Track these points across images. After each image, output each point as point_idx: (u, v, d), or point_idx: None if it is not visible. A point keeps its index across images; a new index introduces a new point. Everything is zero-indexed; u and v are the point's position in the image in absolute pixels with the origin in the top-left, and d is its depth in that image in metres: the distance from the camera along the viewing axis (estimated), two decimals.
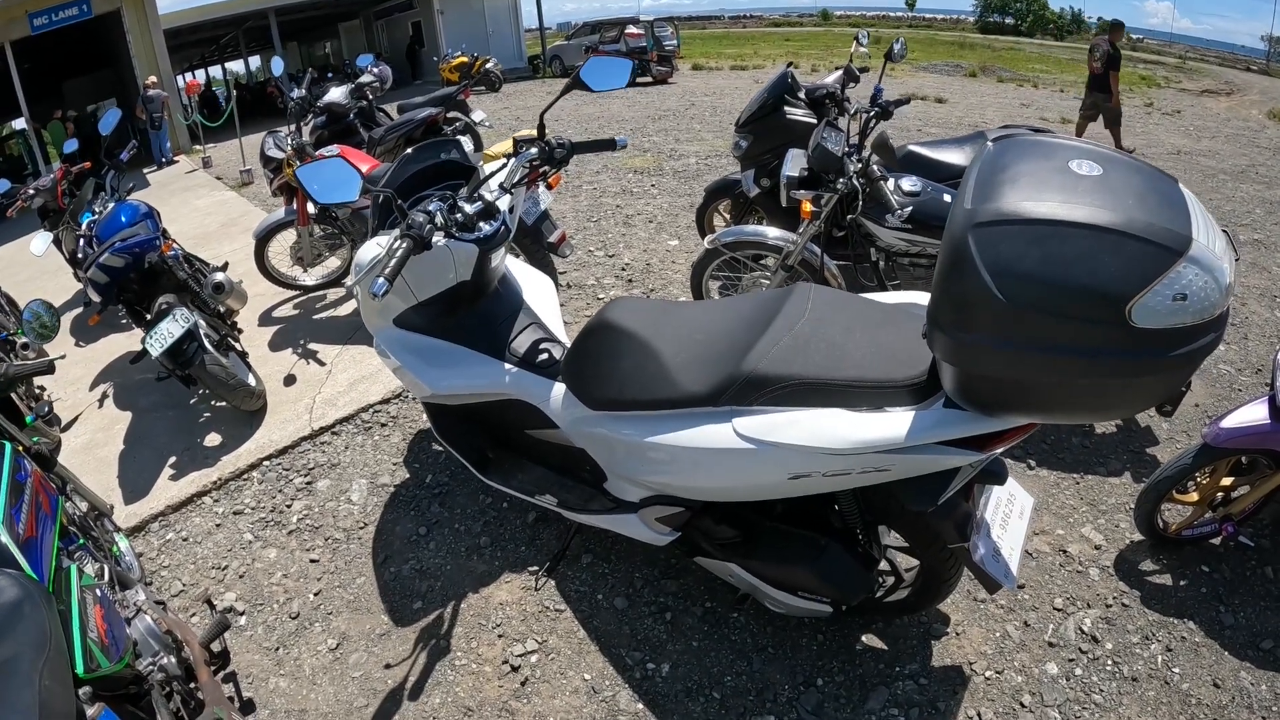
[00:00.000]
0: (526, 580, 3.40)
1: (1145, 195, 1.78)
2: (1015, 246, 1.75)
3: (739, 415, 2.37)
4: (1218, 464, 3.24)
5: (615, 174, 10.30)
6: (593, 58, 3.29)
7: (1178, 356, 1.72)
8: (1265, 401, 3.05)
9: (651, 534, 2.91)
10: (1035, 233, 1.74)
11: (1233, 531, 3.26)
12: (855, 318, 2.50)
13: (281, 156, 5.97)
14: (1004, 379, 1.91)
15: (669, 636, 3.09)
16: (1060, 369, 1.81)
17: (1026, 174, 1.86)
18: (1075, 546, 3.49)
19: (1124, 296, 1.66)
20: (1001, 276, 1.75)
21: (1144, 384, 1.84)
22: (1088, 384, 1.85)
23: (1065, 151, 1.91)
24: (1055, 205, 1.75)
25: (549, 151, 3.15)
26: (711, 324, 2.68)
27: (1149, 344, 1.70)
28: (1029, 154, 1.94)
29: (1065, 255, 1.71)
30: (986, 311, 1.79)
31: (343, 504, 3.99)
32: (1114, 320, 1.68)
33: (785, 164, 4.54)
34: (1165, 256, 1.66)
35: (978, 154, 2.03)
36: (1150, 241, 1.68)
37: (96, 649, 2.06)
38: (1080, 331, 1.73)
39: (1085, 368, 1.78)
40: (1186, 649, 2.99)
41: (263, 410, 4.86)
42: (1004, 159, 1.95)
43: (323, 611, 3.35)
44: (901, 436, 2.12)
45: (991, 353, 1.85)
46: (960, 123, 14.44)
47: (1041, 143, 2.02)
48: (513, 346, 3.25)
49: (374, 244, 3.11)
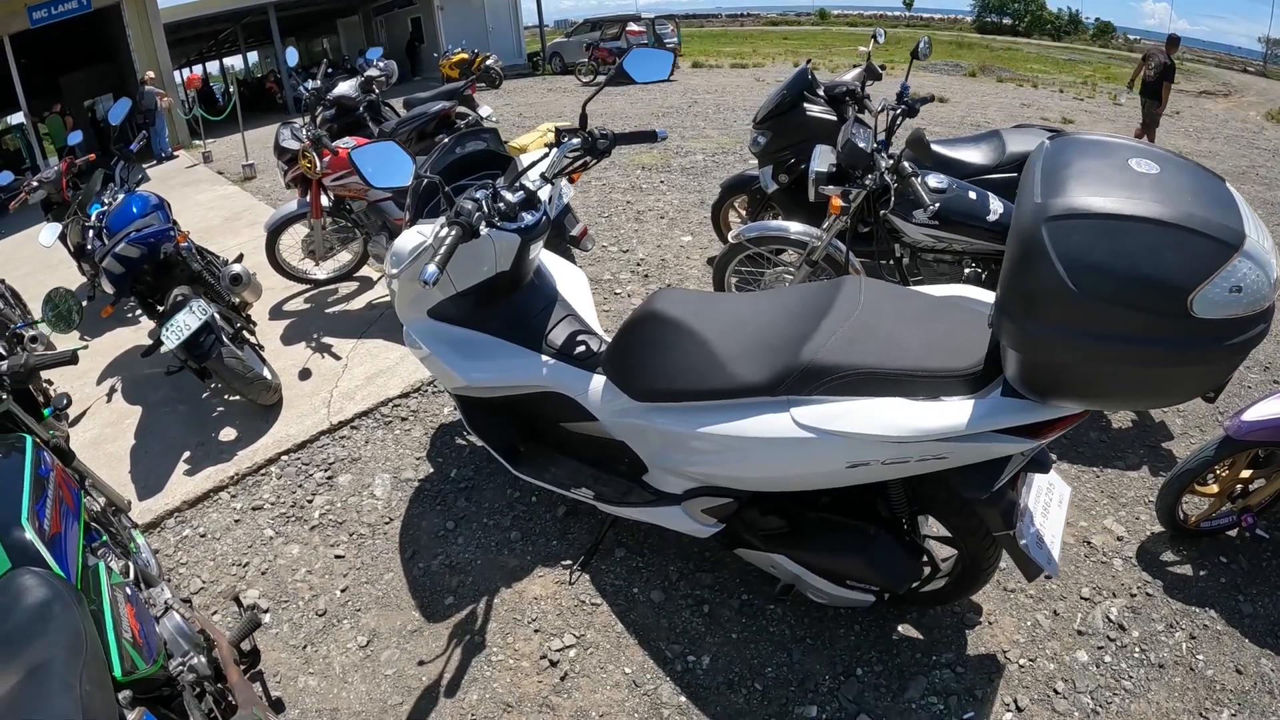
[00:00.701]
0: (560, 574, 3.38)
1: (1200, 193, 1.86)
2: (1086, 239, 1.81)
3: (797, 405, 2.39)
4: (1237, 457, 3.31)
5: (623, 170, 10.28)
6: (635, 49, 3.28)
7: (1232, 345, 1.79)
8: None
9: (695, 526, 2.90)
10: (1104, 226, 1.80)
11: (1252, 522, 3.35)
12: (908, 309, 2.54)
13: (297, 148, 5.93)
14: (1069, 366, 1.97)
15: (707, 629, 3.09)
16: (1125, 357, 1.87)
17: (1090, 171, 1.93)
18: (1099, 538, 3.55)
19: (1186, 288, 1.73)
20: (1073, 268, 1.81)
21: (1199, 371, 1.92)
22: (1148, 371, 1.91)
23: (1123, 150, 1.99)
24: (1121, 201, 1.82)
25: (591, 142, 3.12)
26: (761, 315, 2.69)
27: (1207, 333, 1.77)
28: (1089, 152, 2.02)
29: (1132, 248, 1.78)
30: (1058, 302, 1.85)
31: (366, 499, 3.95)
32: (1177, 311, 1.75)
33: (813, 160, 4.54)
34: (1223, 251, 1.73)
35: (1038, 151, 2.11)
36: (1209, 236, 1.75)
37: (132, 650, 2.01)
38: (1145, 321, 1.79)
39: (1148, 356, 1.85)
40: (1209, 636, 3.06)
41: (278, 404, 4.82)
42: (1065, 156, 2.02)
43: (351, 608, 3.32)
44: (961, 425, 2.15)
45: (1061, 342, 1.90)
46: (963, 122, 14.45)
47: (1100, 141, 2.08)
48: (549, 338, 3.24)
49: (414, 232, 3.09)
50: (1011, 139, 5.21)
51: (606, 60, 22.81)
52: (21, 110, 17.89)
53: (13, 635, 1.75)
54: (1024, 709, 2.77)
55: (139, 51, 18.44)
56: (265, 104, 24.96)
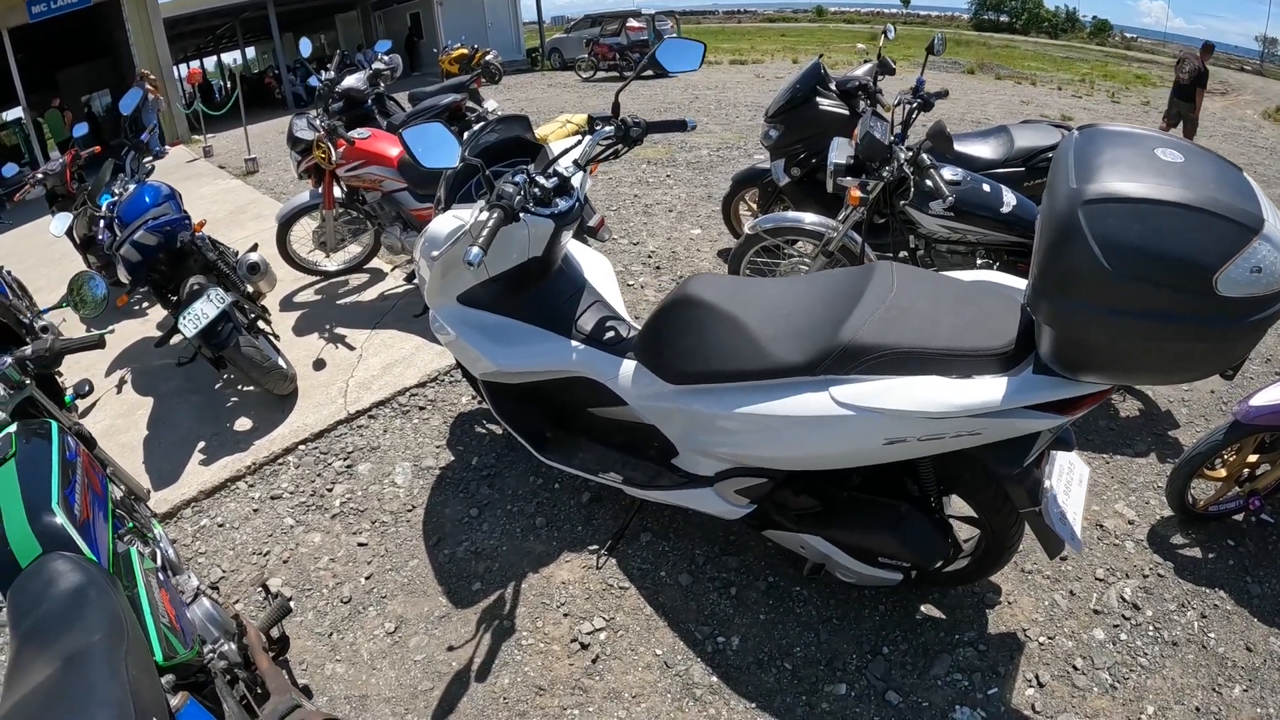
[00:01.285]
0: (587, 559, 3.41)
1: (1221, 181, 1.96)
2: (1120, 222, 1.91)
3: (835, 384, 2.45)
4: (1245, 441, 3.42)
5: (630, 165, 10.29)
6: (668, 39, 3.33)
7: (1253, 322, 1.89)
8: None
9: (727, 507, 2.93)
10: (1137, 210, 1.91)
11: (1259, 505, 3.46)
12: (939, 292, 2.60)
13: (312, 138, 5.94)
14: (1101, 343, 2.07)
15: (735, 611, 3.12)
16: (1154, 333, 1.97)
17: (1121, 159, 2.02)
18: (1110, 521, 3.64)
19: (1211, 268, 1.83)
20: (1108, 249, 1.91)
21: (1222, 347, 2.02)
22: (1175, 347, 2.02)
23: (1149, 141, 2.09)
24: (1151, 186, 1.92)
25: (625, 130, 3.17)
26: (796, 299, 2.75)
27: (1230, 311, 1.87)
28: (1117, 142, 2.11)
29: (1161, 230, 1.88)
30: (1093, 281, 1.95)
31: (387, 487, 3.98)
32: (1202, 289, 1.85)
33: (831, 152, 4.58)
34: (1244, 233, 1.84)
35: (1067, 140, 2.23)
36: (1232, 220, 1.85)
37: (170, 634, 2.02)
38: (1174, 299, 1.90)
39: (1175, 332, 1.95)
40: (1220, 616, 3.14)
41: (294, 394, 4.83)
42: (1096, 145, 2.12)
43: (376, 595, 3.33)
44: (996, 401, 2.24)
45: (1095, 319, 2.00)
46: (963, 119, 14.46)
47: (1126, 132, 2.18)
48: (579, 324, 3.27)
49: (450, 217, 3.12)
50: (1019, 134, 5.34)
51: (606, 56, 22.82)
52: (21, 105, 17.82)
53: (47, 622, 1.74)
54: (1045, 684, 2.83)
55: (138, 46, 18.39)
56: (264, 99, 24.87)
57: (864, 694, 2.80)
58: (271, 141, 14.07)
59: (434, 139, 2.83)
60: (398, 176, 5.59)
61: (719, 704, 2.79)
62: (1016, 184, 4.90)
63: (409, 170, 5.52)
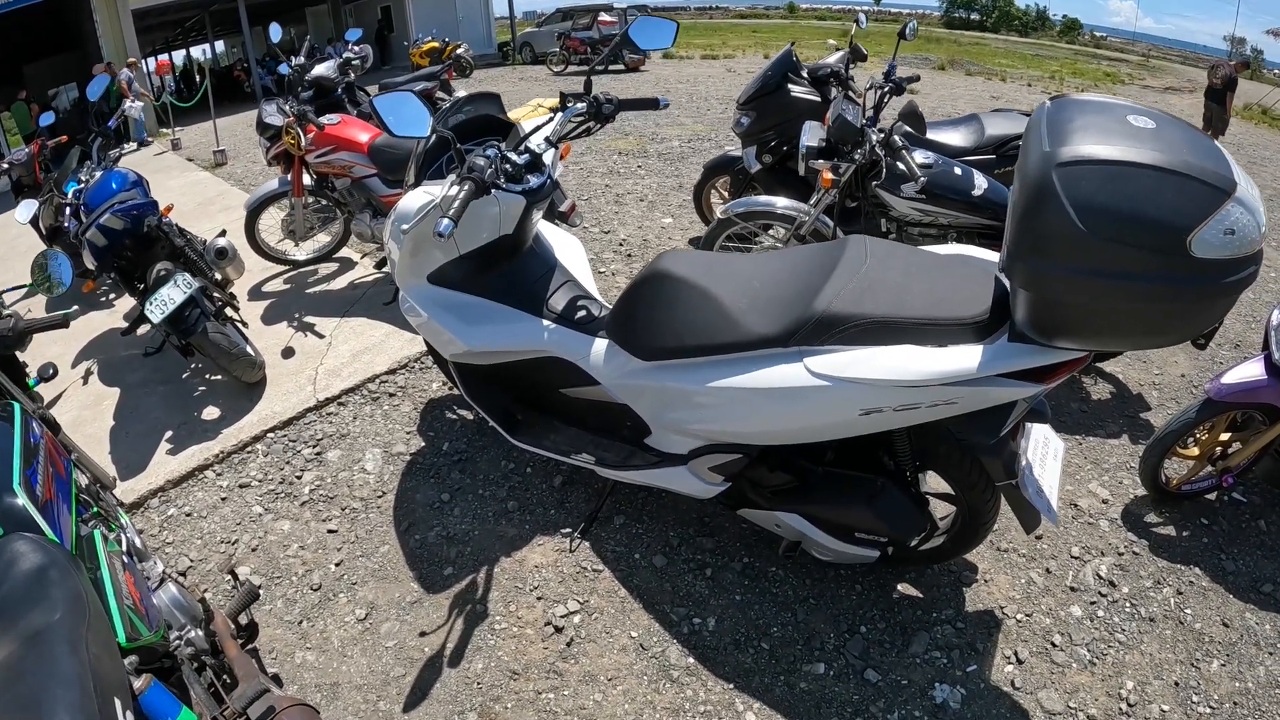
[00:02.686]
0: (560, 543, 3.38)
1: (1193, 146, 1.96)
2: (1094, 184, 1.92)
3: (810, 355, 2.45)
4: (1217, 420, 3.50)
5: (601, 155, 10.28)
6: (641, 17, 3.30)
7: (1226, 284, 1.91)
8: (1262, 360, 3.29)
9: (701, 485, 2.91)
10: (1110, 172, 1.91)
11: (1232, 482, 3.55)
12: (913, 264, 2.60)
13: (281, 123, 5.86)
14: (1077, 305, 2.07)
15: (711, 592, 3.10)
16: (1130, 294, 1.97)
17: (1093, 125, 2.03)
18: (1084, 501, 3.69)
19: (1186, 229, 1.84)
20: (1082, 210, 1.92)
21: (1197, 309, 2.02)
22: (1150, 308, 2.02)
23: (1120, 108, 2.11)
24: (1124, 149, 1.93)
25: (597, 107, 3.14)
26: (768, 272, 2.73)
27: (1204, 272, 1.88)
28: (1089, 109, 2.12)
29: (1135, 192, 1.89)
30: (1068, 242, 1.96)
31: (357, 474, 3.92)
32: (1177, 250, 1.86)
33: (803, 135, 4.60)
34: (1217, 195, 1.85)
35: (1039, 110, 2.23)
36: (1205, 182, 1.86)
37: (134, 615, 1.97)
38: (1149, 260, 1.91)
39: (1151, 293, 1.95)
40: (1195, 592, 3.20)
41: (262, 382, 4.76)
42: (1068, 112, 2.13)
43: (346, 582, 3.28)
44: (971, 369, 2.25)
45: (1071, 280, 2.00)
46: (934, 113, 14.46)
47: (1098, 101, 2.20)
48: (550, 303, 3.24)
49: (421, 192, 3.08)
50: (990, 122, 5.38)
51: (578, 50, 22.79)
52: None
53: (8, 602, 1.69)
54: (1024, 661, 2.84)
55: (107, 38, 18.17)
56: (233, 92, 24.66)
57: (842, 673, 2.79)
58: (240, 134, 13.91)
59: (406, 108, 2.79)
60: (368, 162, 5.51)
61: (696, 685, 2.76)
62: (987, 170, 4.91)
63: (379, 156, 5.44)
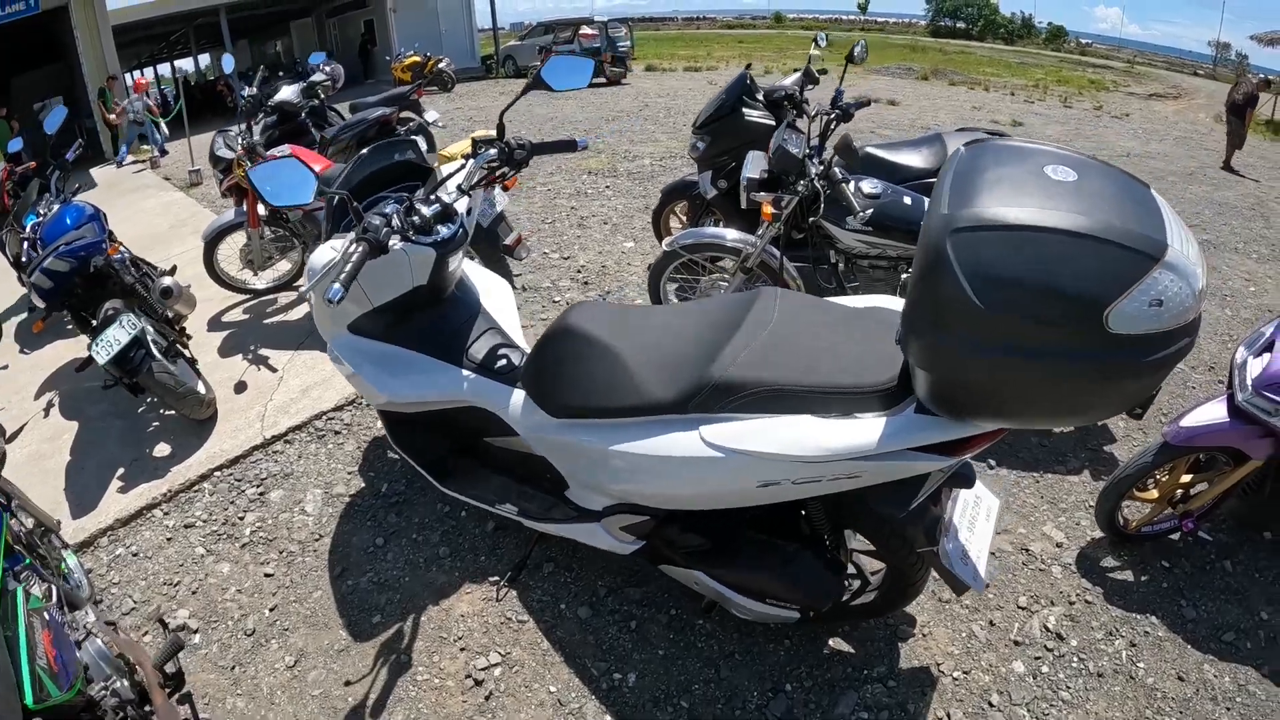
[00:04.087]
0: (488, 591, 3.33)
1: (1121, 201, 1.80)
2: (993, 252, 1.76)
3: (706, 422, 2.35)
4: (1177, 462, 3.33)
5: (569, 175, 10.25)
6: (554, 57, 3.25)
7: (1153, 361, 1.74)
8: (1223, 400, 3.14)
9: (615, 543, 2.86)
10: (1013, 238, 1.75)
11: (1192, 527, 3.37)
12: (822, 322, 2.50)
13: (231, 156, 5.83)
14: (981, 384, 1.93)
15: (634, 645, 3.05)
16: (1037, 374, 1.82)
17: (1003, 179, 1.86)
18: (1037, 545, 3.56)
19: (1101, 302, 1.67)
20: (979, 282, 1.76)
21: (1119, 388, 1.86)
22: (1064, 388, 1.87)
23: (1040, 157, 1.93)
24: (1033, 211, 1.76)
25: (508, 153, 3.11)
26: (675, 328, 2.66)
27: (1125, 349, 1.71)
28: (1004, 159, 1.95)
29: (1043, 261, 1.72)
30: (964, 317, 1.80)
31: (297, 515, 3.88)
32: (1091, 326, 1.69)
33: (745, 166, 4.52)
34: (1142, 262, 1.67)
35: (952, 158, 2.03)
36: (1127, 248, 1.69)
37: (46, 677, 1.97)
38: (1058, 337, 1.74)
39: (1062, 372, 1.79)
40: (1150, 643, 3.08)
41: (213, 418, 4.72)
42: (979, 163, 1.95)
43: (279, 628, 3.25)
44: (872, 444, 2.11)
45: (969, 358, 1.85)
46: (913, 125, 14.59)
47: (1015, 148, 2.01)
48: (470, 352, 3.18)
49: (328, 248, 3.03)
50: (953, 142, 5.15)
51: None
52: None
53: None
54: None
55: (87, 54, 18.11)
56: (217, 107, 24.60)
57: None
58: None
59: (285, 174, 2.73)
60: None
61: None
62: None
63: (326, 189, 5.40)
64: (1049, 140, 11.18)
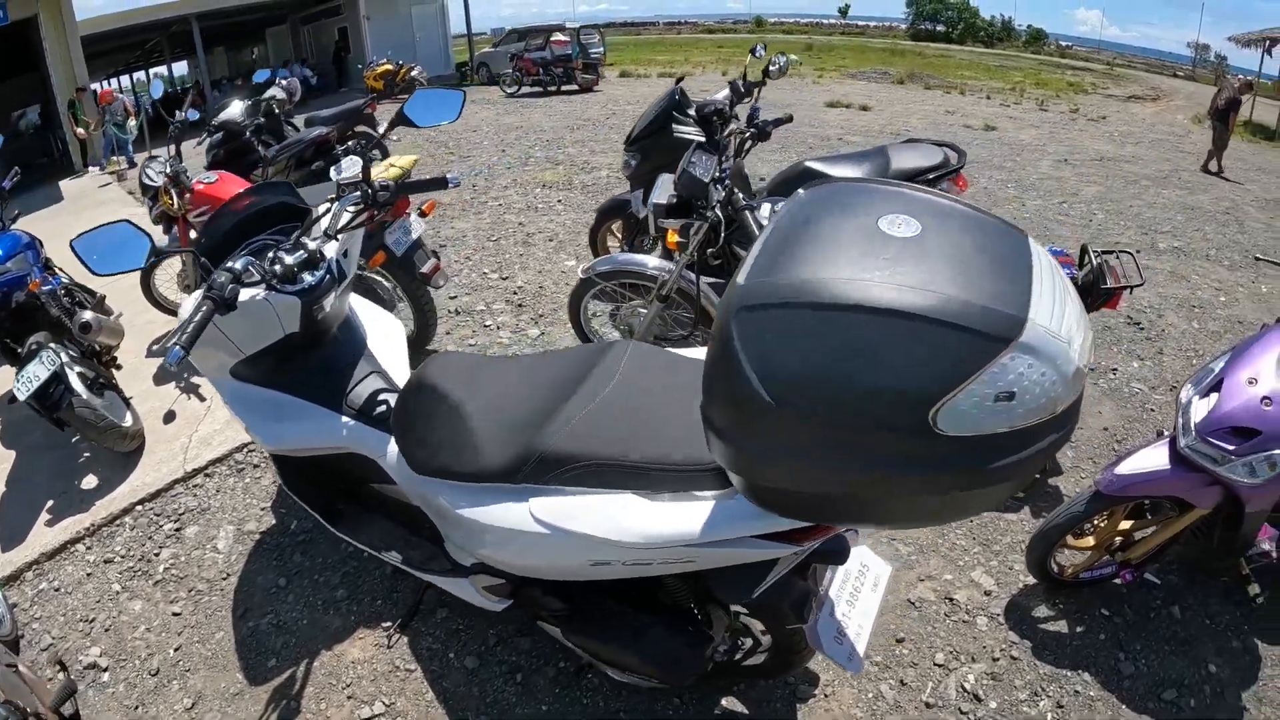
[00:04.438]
0: (380, 637, 3.28)
1: (971, 262, 1.47)
2: (785, 335, 1.47)
3: (536, 495, 2.20)
4: (1115, 508, 3.09)
5: (523, 188, 10.21)
6: (420, 90, 3.19)
7: (1004, 468, 1.43)
8: (1165, 445, 2.91)
9: (484, 601, 2.80)
10: (811, 318, 1.44)
11: (1132, 579, 3.18)
12: (669, 383, 2.33)
13: (159, 184, 5.78)
14: (796, 491, 1.65)
15: (519, 699, 2.98)
16: (855, 483, 1.54)
17: (822, 237, 1.56)
18: (963, 593, 3.37)
19: (926, 399, 1.37)
20: (767, 372, 1.46)
21: (967, 499, 1.57)
22: (895, 498, 1.60)
23: (881, 204, 1.61)
24: (844, 284, 1.43)
25: (371, 195, 3.03)
26: (521, 387, 2.53)
27: (964, 455, 1.42)
28: (834, 209, 1.65)
29: (850, 348, 1.41)
30: (755, 415, 1.51)
31: (209, 552, 3.84)
32: (915, 428, 1.38)
33: (654, 190, 4.40)
34: (986, 347, 1.36)
35: (784, 207, 1.76)
36: (964, 328, 1.37)
37: None
38: (874, 441, 1.45)
39: (884, 482, 1.51)
40: (1080, 704, 2.88)
41: (140, 449, 4.68)
42: (806, 213, 1.67)
43: (181, 668, 3.21)
44: (697, 532, 1.90)
45: (769, 465, 1.59)
46: (883, 130, 14.59)
47: (851, 195, 1.71)
48: (350, 398, 3.08)
49: (194, 299, 2.98)
50: (897, 155, 5.10)
51: (530, 71, 22.84)
52: None
53: None
54: None
55: (56, 65, 18.01)
56: None
57: None
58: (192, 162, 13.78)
59: (114, 241, 2.65)
60: None
61: None
62: None
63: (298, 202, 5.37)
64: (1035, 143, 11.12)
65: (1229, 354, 2.99)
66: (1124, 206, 9.62)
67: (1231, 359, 2.93)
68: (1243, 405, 2.72)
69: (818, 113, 17.21)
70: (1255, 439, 2.66)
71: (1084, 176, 11.25)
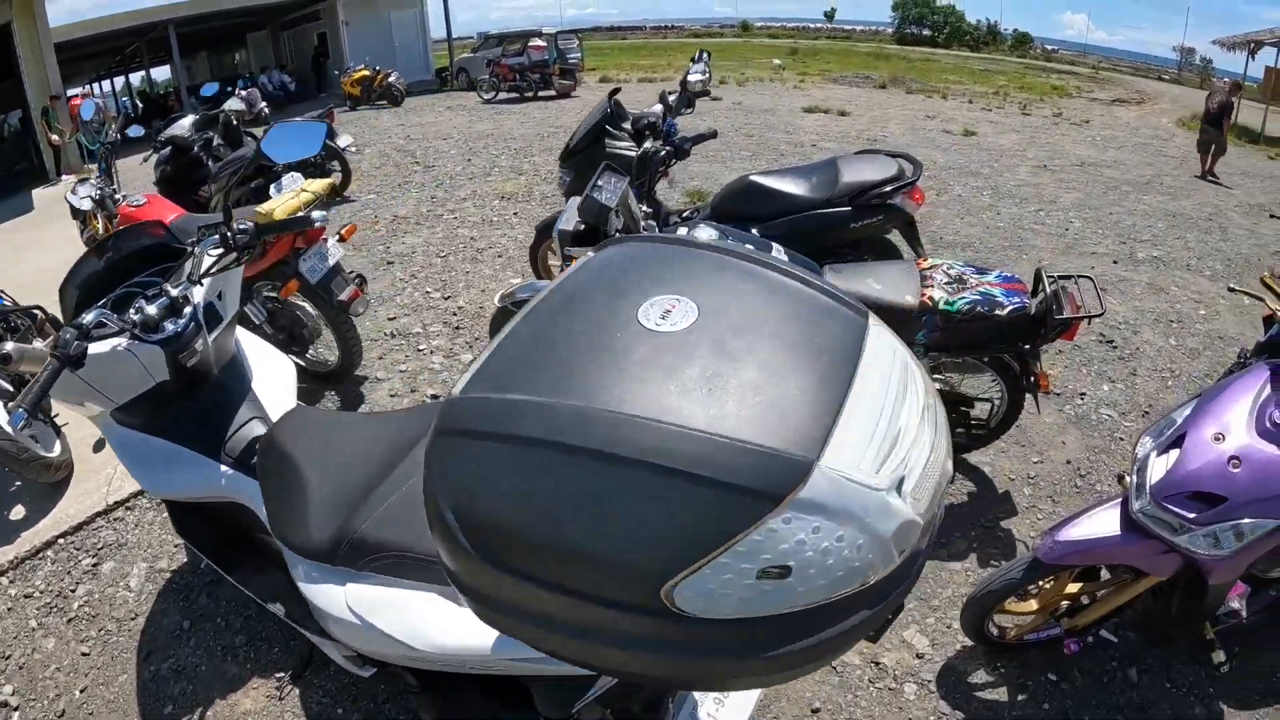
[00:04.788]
0: (273, 688, 3.19)
1: (750, 370, 1.15)
2: (490, 473, 1.16)
3: (352, 580, 2.06)
4: (1059, 574, 2.80)
5: (481, 200, 10.08)
6: (276, 126, 3.06)
7: (782, 656, 1.10)
8: (1116, 507, 2.60)
9: (351, 666, 2.67)
10: (523, 458, 1.14)
11: (1076, 650, 2.87)
12: None
13: (88, 208, 5.68)
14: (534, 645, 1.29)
15: None
16: (590, 654, 1.21)
17: (572, 334, 1.27)
18: (892, 656, 3.09)
19: (653, 574, 1.05)
20: (468, 516, 1.17)
21: (744, 679, 1.26)
22: (650, 676, 1.32)
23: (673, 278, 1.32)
24: (565, 412, 1.13)
25: (230, 238, 2.91)
26: (356, 456, 2.38)
27: (722, 640, 1.09)
28: (603, 289, 1.36)
29: (563, 497, 1.11)
30: (460, 560, 1.22)
31: (121, 590, 3.76)
32: (646, 606, 1.07)
33: (561, 217, 4.15)
34: (740, 508, 1.03)
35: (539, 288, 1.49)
36: (711, 481, 1.04)
37: None
38: (599, 618, 1.13)
39: (625, 660, 1.17)
40: None
41: (68, 480, 4.56)
42: (565, 293, 1.38)
43: (85, 711, 3.14)
44: (489, 647, 1.65)
45: (491, 620, 1.30)
46: (860, 136, 14.51)
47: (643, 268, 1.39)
48: (229, 446, 2.93)
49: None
50: (847, 168, 4.91)
51: (507, 76, 22.72)
52: None
53: None
54: None
55: (29, 72, 17.89)
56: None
57: None
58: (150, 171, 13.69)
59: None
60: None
61: None
62: (842, 225, 4.63)
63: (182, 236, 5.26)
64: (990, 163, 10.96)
65: (1193, 402, 2.68)
66: (1103, 214, 9.48)
67: (1196, 410, 2.61)
68: (1206, 466, 2.40)
69: (794, 118, 17.07)
70: (1220, 506, 2.34)
71: (1063, 182, 11.11)
